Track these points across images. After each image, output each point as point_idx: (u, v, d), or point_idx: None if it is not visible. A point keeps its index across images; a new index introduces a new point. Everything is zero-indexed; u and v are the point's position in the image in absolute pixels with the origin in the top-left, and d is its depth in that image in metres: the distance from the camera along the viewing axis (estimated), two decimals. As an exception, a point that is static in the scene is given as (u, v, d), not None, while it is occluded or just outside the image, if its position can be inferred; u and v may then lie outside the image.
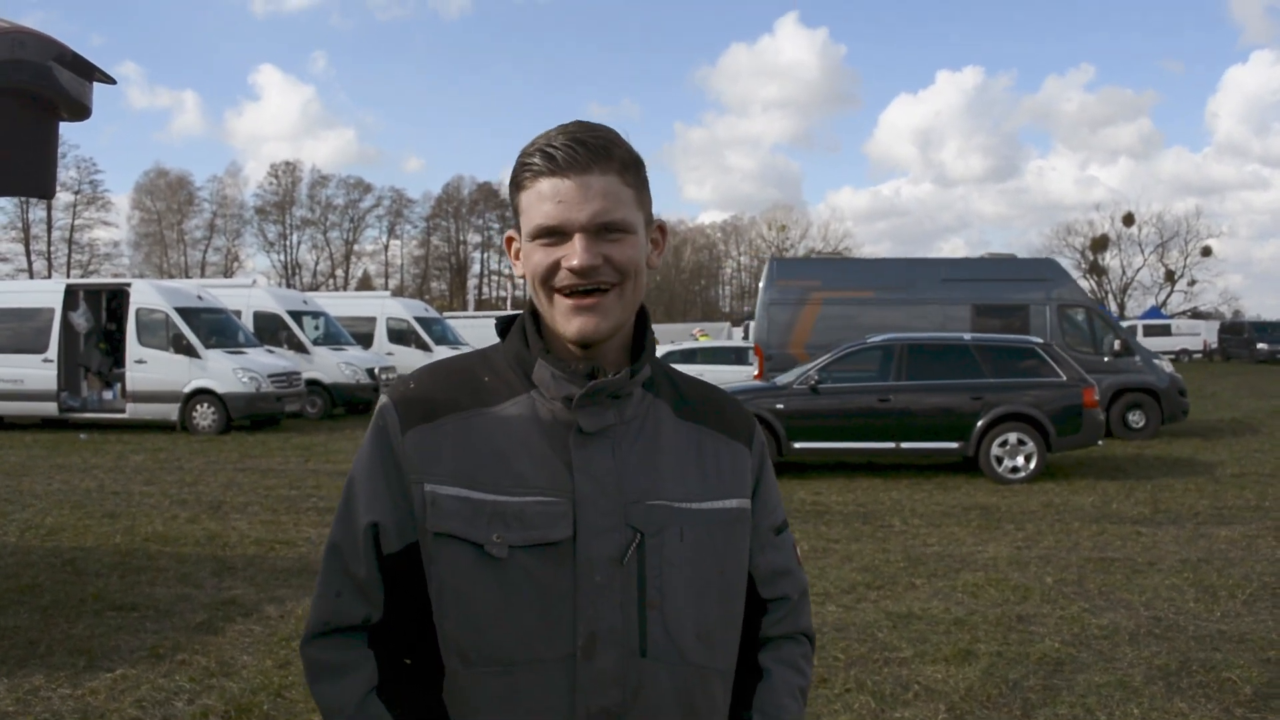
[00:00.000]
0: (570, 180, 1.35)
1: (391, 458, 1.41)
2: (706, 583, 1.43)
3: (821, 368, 12.50)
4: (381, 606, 1.42)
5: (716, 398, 1.57)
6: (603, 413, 1.40)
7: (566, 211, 1.35)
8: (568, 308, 1.37)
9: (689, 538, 1.41)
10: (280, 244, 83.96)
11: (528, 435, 1.40)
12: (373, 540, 1.41)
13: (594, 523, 1.36)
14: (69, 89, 3.71)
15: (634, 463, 1.41)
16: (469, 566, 1.35)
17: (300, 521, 9.46)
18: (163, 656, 5.48)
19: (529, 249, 1.39)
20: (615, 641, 1.35)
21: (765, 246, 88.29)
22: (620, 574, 1.36)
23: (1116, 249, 78.15)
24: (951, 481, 11.94)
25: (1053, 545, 8.38)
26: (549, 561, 1.35)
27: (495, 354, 1.50)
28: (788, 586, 1.58)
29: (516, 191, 1.40)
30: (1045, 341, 12.84)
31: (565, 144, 1.36)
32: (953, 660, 5.41)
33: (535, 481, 1.37)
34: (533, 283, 1.40)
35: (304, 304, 23.20)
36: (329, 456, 14.44)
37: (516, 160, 1.40)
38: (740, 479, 1.50)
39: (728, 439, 1.52)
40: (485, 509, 1.36)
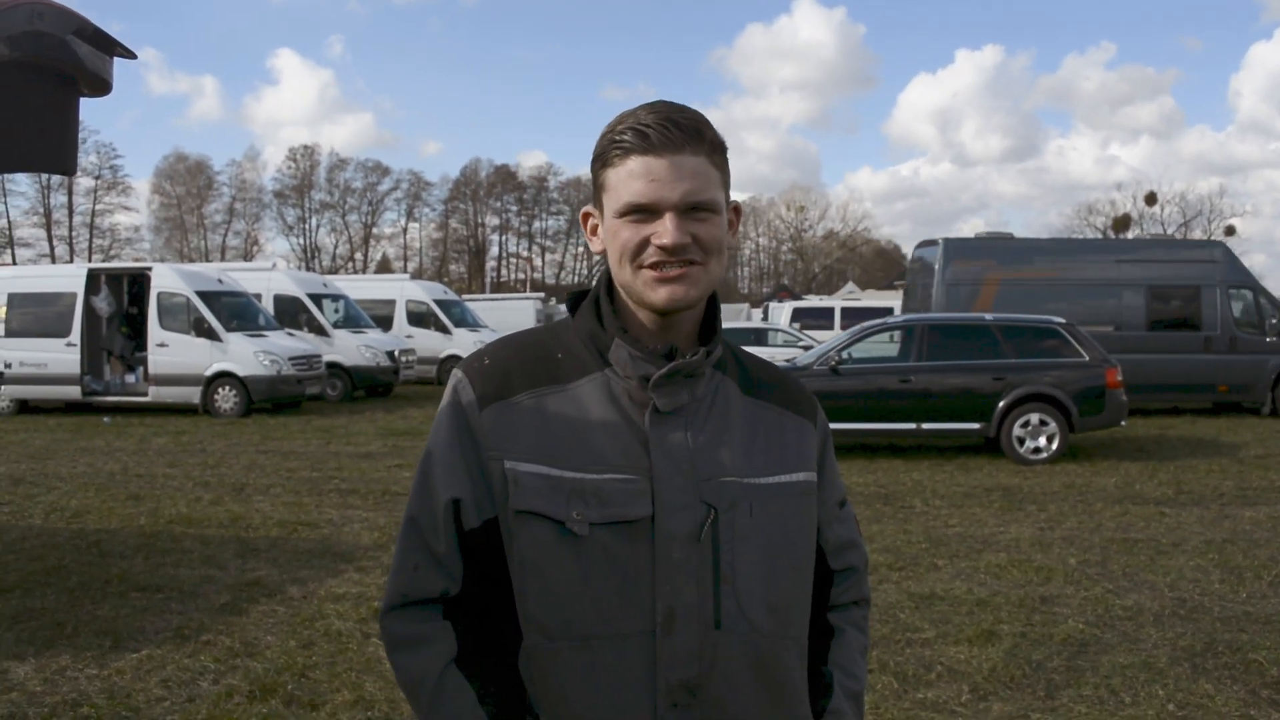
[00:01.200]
0: (663, 159, 1.36)
1: (469, 433, 1.42)
2: (776, 555, 1.45)
3: (842, 348, 12.45)
4: (460, 580, 1.44)
5: (781, 376, 1.60)
6: (678, 392, 1.42)
7: (659, 190, 1.36)
8: (653, 278, 1.39)
9: (758, 512, 1.44)
10: (299, 227, 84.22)
11: (604, 413, 1.42)
12: (453, 516, 1.42)
13: (671, 500, 1.38)
14: (88, 63, 3.67)
15: (706, 440, 1.43)
16: (550, 543, 1.37)
17: (322, 503, 9.50)
18: (188, 637, 5.52)
19: (615, 225, 1.40)
20: (693, 616, 1.38)
21: (784, 228, 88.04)
22: (697, 550, 1.38)
23: (1139, 228, 77.35)
24: (973, 462, 11.89)
25: (1075, 526, 8.34)
26: (628, 538, 1.37)
27: (566, 330, 1.51)
28: (854, 558, 1.65)
29: (602, 168, 1.41)
30: (1066, 321, 12.75)
31: (659, 123, 1.37)
32: (976, 641, 5.39)
33: (613, 459, 1.39)
34: (618, 258, 1.41)
35: (323, 287, 23.25)
36: (350, 439, 14.51)
37: (602, 137, 1.41)
38: (806, 454, 1.54)
39: (794, 415, 1.55)
40: (565, 486, 1.38)
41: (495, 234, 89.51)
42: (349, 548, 7.62)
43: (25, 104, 3.66)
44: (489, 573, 1.44)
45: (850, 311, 25.78)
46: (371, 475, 11.21)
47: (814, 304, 30.37)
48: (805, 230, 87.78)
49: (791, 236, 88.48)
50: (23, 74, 3.63)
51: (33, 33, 3.49)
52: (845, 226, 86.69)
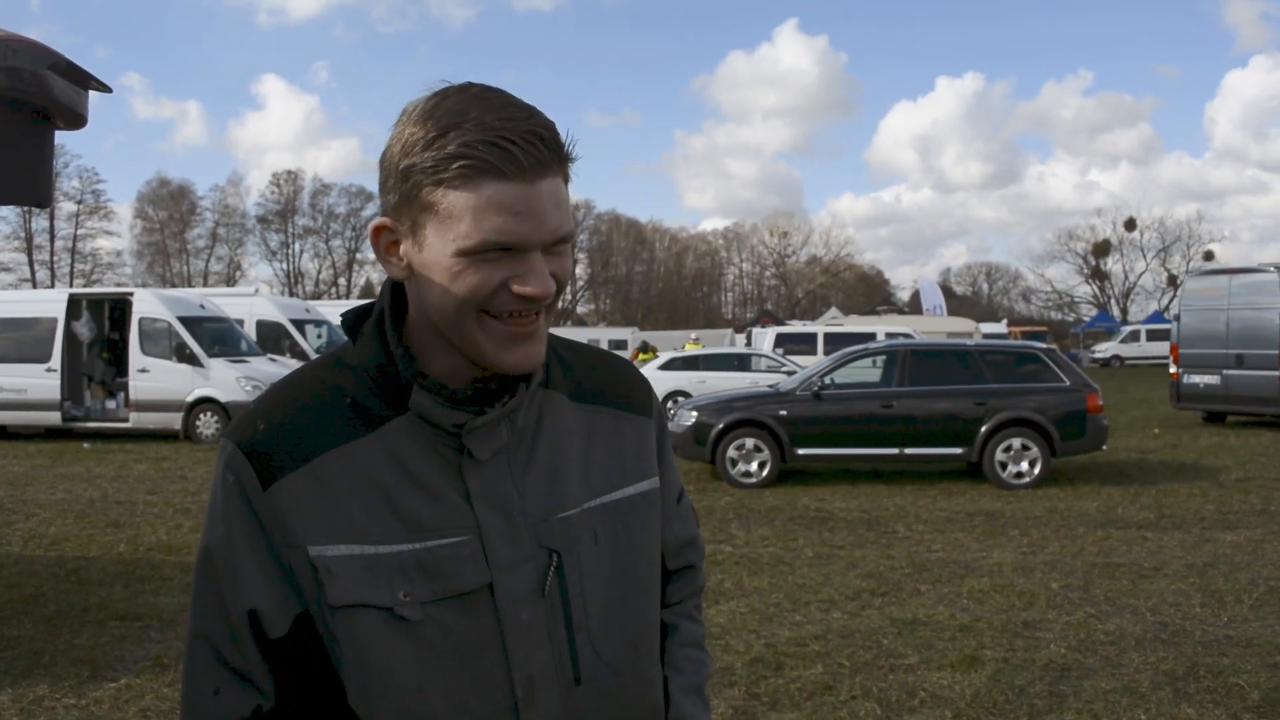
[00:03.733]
0: (532, 187, 1.10)
1: (255, 522, 1.17)
2: (629, 582, 1.30)
3: (825, 373, 12.49)
4: (273, 693, 1.20)
5: (614, 369, 1.41)
6: (495, 434, 1.21)
7: (525, 227, 1.10)
8: (506, 335, 1.15)
9: (604, 538, 1.27)
10: (282, 253, 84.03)
11: (413, 465, 1.19)
12: (250, 628, 1.18)
13: (506, 556, 1.19)
14: (64, 97, 3.70)
15: (536, 475, 1.24)
16: (379, 634, 1.16)
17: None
18: (167, 666, 5.46)
19: (455, 265, 1.11)
20: (551, 678, 1.22)
21: (767, 253, 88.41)
22: (544, 605, 1.21)
23: (1119, 254, 78.22)
24: (955, 487, 11.92)
25: (1058, 551, 8.36)
26: (467, 612, 1.18)
27: (350, 367, 1.24)
28: (692, 555, 1.51)
29: (436, 185, 1.10)
30: (1048, 346, 12.83)
31: (524, 138, 1.09)
32: (958, 667, 5.39)
33: (432, 522, 1.18)
34: (455, 306, 1.13)
35: (306, 312, 23.22)
36: (332, 465, 14.40)
37: (428, 138, 1.10)
38: (647, 456, 1.37)
39: (631, 414, 1.37)
40: (384, 564, 1.16)
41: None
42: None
43: (0, 138, 3.67)
44: (308, 676, 1.21)
45: (833, 337, 25.79)
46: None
47: (797, 329, 30.40)
48: (788, 256, 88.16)
49: (775, 262, 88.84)
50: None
51: (6, 69, 3.52)
52: (828, 252, 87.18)
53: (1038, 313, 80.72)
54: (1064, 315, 78.65)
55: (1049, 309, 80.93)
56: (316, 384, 1.24)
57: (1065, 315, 78.59)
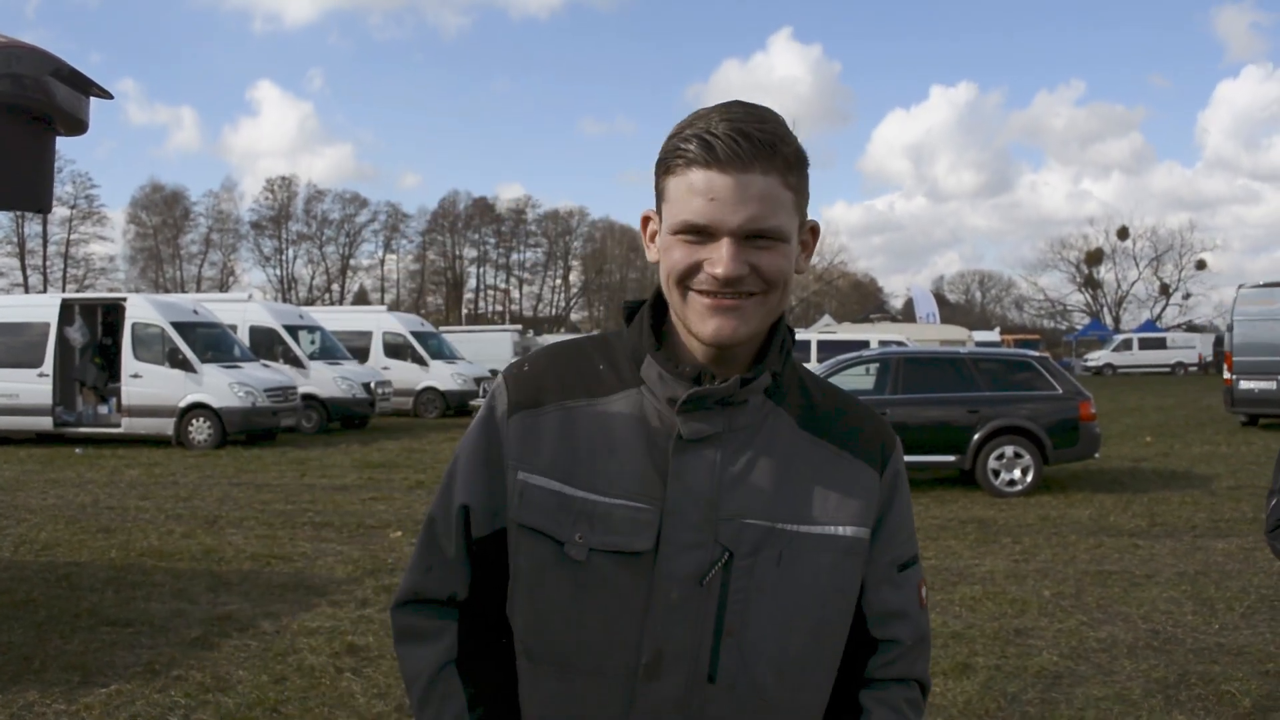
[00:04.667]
0: (728, 177, 1.22)
1: (495, 439, 1.37)
2: (799, 614, 1.31)
3: (818, 381, 12.46)
4: (468, 586, 1.40)
5: (852, 411, 1.43)
6: (709, 418, 1.30)
7: (718, 211, 1.23)
8: (704, 306, 1.27)
9: (788, 562, 1.30)
10: (276, 259, 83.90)
11: (630, 434, 1.32)
12: (463, 522, 1.38)
13: (679, 536, 1.28)
14: (65, 104, 3.70)
15: (736, 475, 1.30)
16: (546, 562, 1.31)
17: (296, 536, 9.42)
18: (158, 672, 5.45)
19: (669, 242, 1.28)
20: (683, 664, 1.27)
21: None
22: (699, 593, 1.27)
23: (1111, 263, 78.41)
24: (948, 494, 11.93)
25: (1050, 558, 8.37)
26: (627, 570, 1.29)
27: (617, 340, 1.42)
28: (902, 630, 1.41)
29: (665, 174, 1.28)
30: (1041, 354, 12.85)
31: (728, 134, 1.22)
32: (951, 674, 5.39)
33: (628, 484, 1.30)
34: (667, 277, 1.29)
35: (300, 318, 23.16)
36: (324, 471, 14.40)
37: (669, 139, 1.28)
38: (860, 506, 1.36)
39: (855, 459, 1.38)
40: (573, 506, 1.30)
41: (473, 266, 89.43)
42: (322, 581, 7.56)
43: (1, 144, 3.67)
44: (499, 581, 1.39)
45: (827, 344, 25.79)
46: (346, 508, 11.13)
47: (791, 336, 30.37)
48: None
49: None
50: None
51: (8, 75, 3.52)
52: (821, 260, 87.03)
53: (1030, 321, 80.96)
54: (1057, 323, 78.90)
55: (1042, 317, 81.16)
56: (581, 348, 1.43)
57: (1058, 323, 78.84)
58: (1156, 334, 57.82)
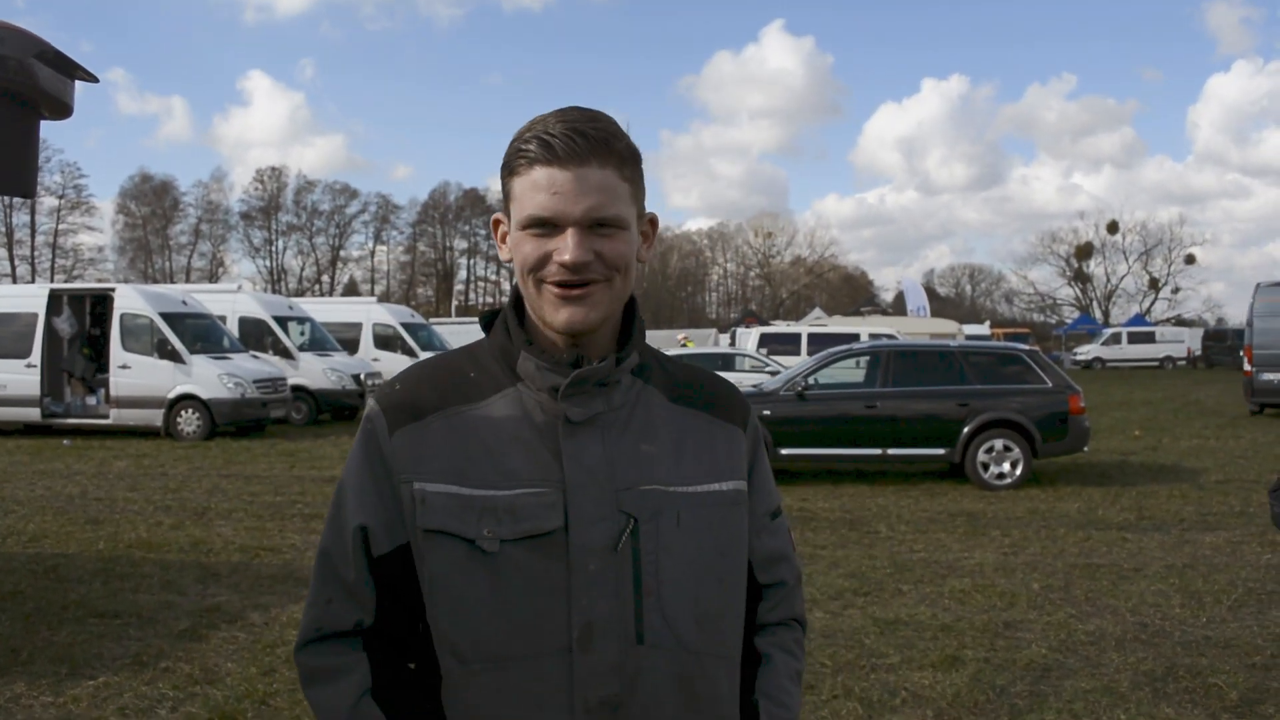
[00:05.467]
0: (567, 172, 1.33)
1: (380, 460, 1.40)
2: (706, 566, 1.40)
3: (808, 374, 12.51)
4: (373, 610, 1.42)
5: (710, 382, 1.55)
6: (590, 401, 1.38)
7: (561, 204, 1.33)
8: (555, 296, 1.36)
9: (686, 521, 1.39)
10: (266, 249, 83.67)
11: (516, 429, 1.38)
12: (362, 543, 1.40)
13: (586, 511, 1.34)
14: (49, 86, 3.66)
15: (625, 449, 1.39)
16: (460, 562, 1.34)
17: (285, 528, 9.41)
18: (146, 664, 5.43)
19: (518, 238, 1.37)
20: (611, 631, 1.34)
21: (751, 253, 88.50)
22: (615, 561, 1.34)
23: (1101, 256, 78.61)
24: (938, 488, 11.96)
25: (1039, 551, 8.39)
26: (541, 553, 1.34)
27: (481, 349, 1.48)
28: (784, 572, 1.57)
29: (509, 176, 1.38)
30: (1031, 348, 12.88)
31: (565, 133, 1.33)
32: (940, 666, 5.40)
33: (525, 474, 1.36)
34: (520, 272, 1.38)
35: (289, 309, 23.08)
36: (314, 463, 14.38)
37: (511, 144, 1.38)
38: (736, 461, 1.48)
39: (722, 422, 1.50)
40: (475, 504, 1.34)
41: (464, 257, 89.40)
42: (311, 573, 7.53)
43: None
44: (404, 600, 1.41)
45: (817, 337, 25.83)
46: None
47: (781, 329, 30.42)
48: (773, 256, 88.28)
49: (759, 262, 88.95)
50: (-18, 97, 3.60)
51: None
52: (812, 253, 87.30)
53: (1020, 315, 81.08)
54: (1046, 317, 79.06)
55: (1031, 311, 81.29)
56: (449, 361, 1.49)
57: (1047, 317, 79.00)
58: (1145, 328, 57.98)
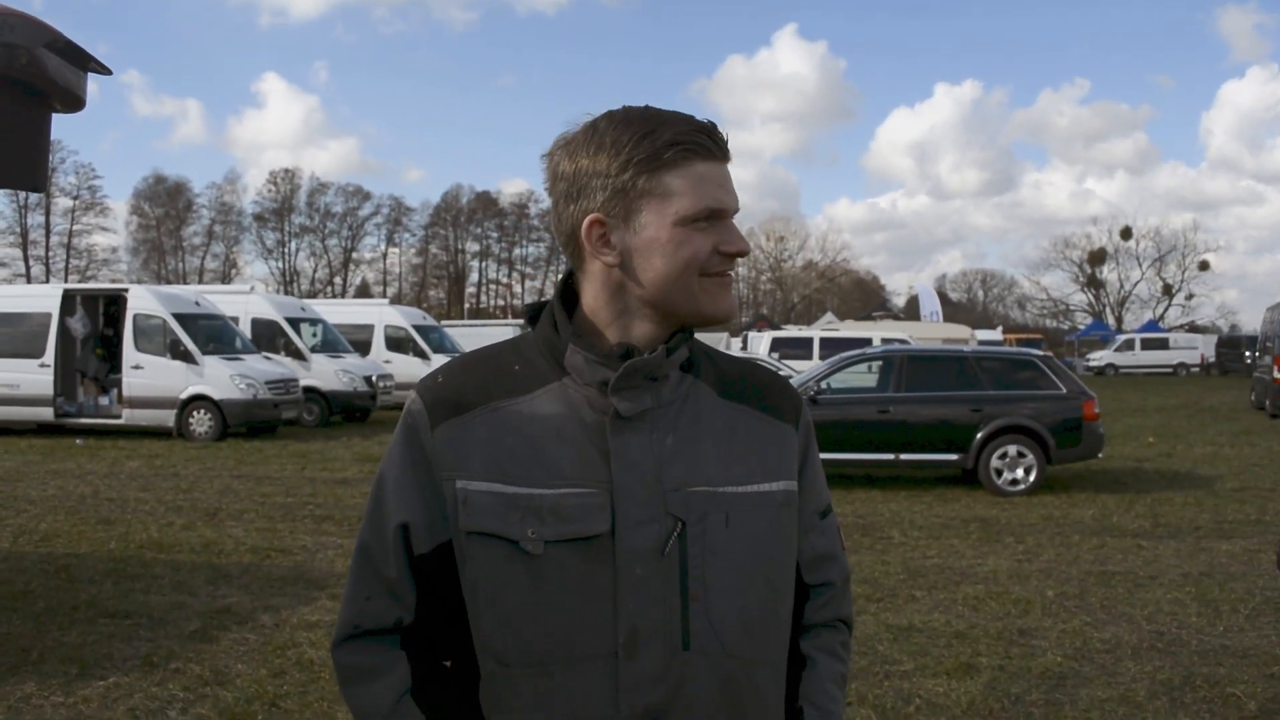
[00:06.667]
0: (724, 166, 1.36)
1: (421, 455, 1.36)
2: (753, 570, 1.36)
3: (821, 378, 12.46)
4: (413, 608, 1.39)
5: (762, 377, 1.51)
6: (640, 396, 1.34)
7: (728, 197, 1.35)
8: (718, 286, 1.36)
9: (735, 523, 1.35)
10: (278, 251, 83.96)
11: (562, 424, 1.35)
12: (403, 541, 1.37)
13: (633, 514, 1.31)
14: (60, 77, 3.59)
15: (673, 447, 1.35)
16: (503, 564, 1.31)
17: (296, 529, 9.40)
18: (156, 665, 5.42)
19: (681, 233, 1.32)
20: (657, 637, 1.30)
21: (763, 258, 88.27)
22: (662, 565, 1.31)
23: (1114, 263, 78.26)
24: (951, 493, 11.89)
25: (1053, 558, 8.33)
26: (587, 556, 1.30)
27: (526, 342, 1.44)
28: (832, 572, 1.53)
29: (655, 170, 1.31)
30: (1045, 354, 12.81)
31: (713, 130, 1.35)
32: (954, 674, 5.36)
33: (570, 472, 1.32)
34: (682, 267, 1.33)
35: (302, 311, 23.13)
36: (325, 464, 14.39)
37: (651, 139, 1.32)
38: (787, 461, 1.44)
39: (774, 419, 1.45)
40: (519, 503, 1.31)
41: (475, 260, 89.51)
42: (322, 575, 7.53)
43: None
44: (445, 600, 1.38)
45: (829, 342, 25.76)
46: (346, 501, 11.10)
47: (793, 334, 30.39)
48: (785, 260, 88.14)
49: (771, 266, 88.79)
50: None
51: (2, 45, 3.42)
52: (824, 257, 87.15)
53: (1033, 320, 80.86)
54: (1059, 323, 78.76)
55: (1044, 317, 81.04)
56: (492, 353, 1.44)
57: (1060, 323, 78.70)
58: (1159, 334, 57.73)
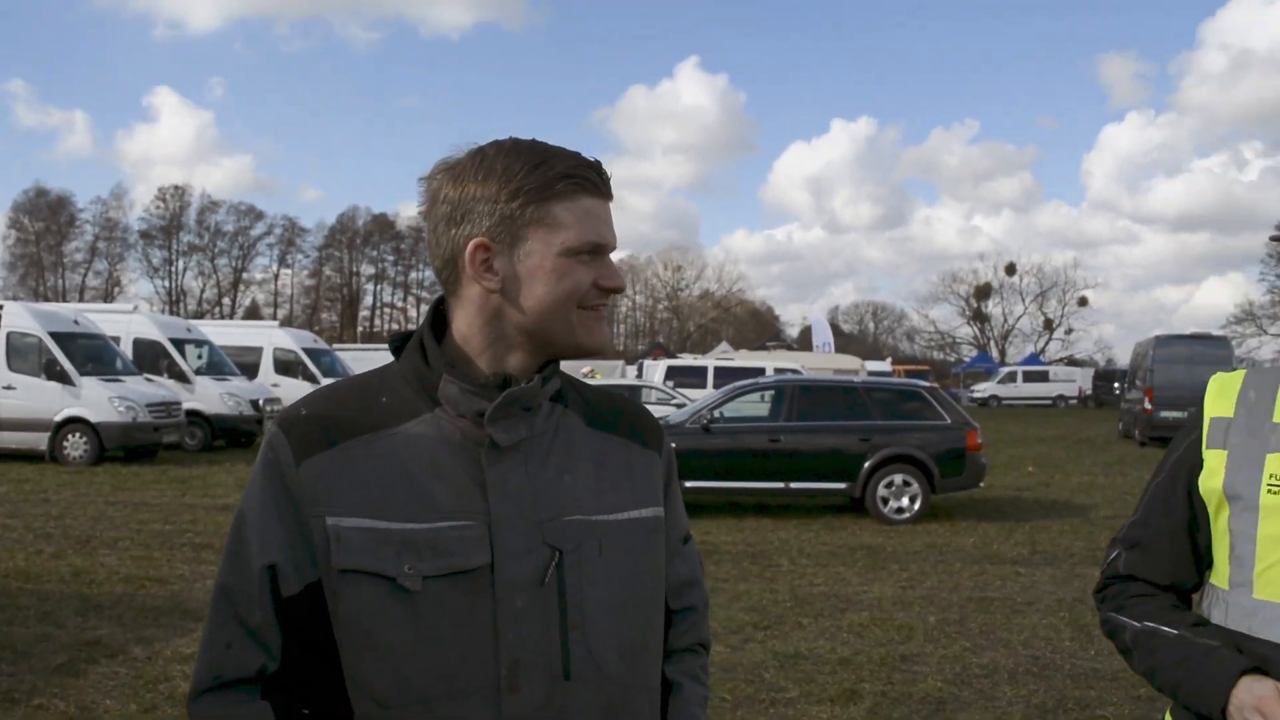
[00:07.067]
0: (607, 204, 1.40)
1: (285, 491, 1.31)
2: (628, 597, 1.38)
3: (714, 407, 12.57)
4: (279, 654, 1.33)
5: (626, 406, 1.54)
6: (516, 426, 1.34)
7: (610, 233, 1.39)
8: (594, 320, 1.39)
9: (609, 551, 1.37)
10: (165, 270, 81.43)
11: (435, 456, 1.32)
12: (269, 583, 1.31)
13: (512, 545, 1.30)
14: None
15: (548, 477, 1.36)
16: (380, 602, 1.27)
17: (174, 558, 9.09)
18: (17, 701, 5.17)
19: (564, 264, 1.35)
20: (539, 667, 1.30)
21: (661, 286, 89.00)
22: (541, 596, 1.31)
23: (999, 297, 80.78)
24: (838, 521, 12.08)
25: (935, 585, 8.52)
26: (466, 589, 1.29)
27: (392, 373, 1.41)
28: (694, 597, 1.58)
29: (544, 200, 1.33)
30: (930, 385, 13.14)
31: (601, 170, 1.39)
32: (838, 700, 5.43)
33: (447, 506, 1.30)
34: (563, 298, 1.35)
35: (187, 332, 22.48)
36: (207, 490, 13.96)
37: (543, 170, 1.34)
38: (654, 487, 1.48)
39: (640, 447, 1.49)
40: (394, 539, 1.28)
41: (370, 283, 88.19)
42: (200, 605, 7.29)
43: None
44: (313, 644, 1.33)
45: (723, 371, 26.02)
46: (228, 529, 10.72)
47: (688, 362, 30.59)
48: (681, 289, 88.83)
49: (668, 295, 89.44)
50: None
51: None
52: (721, 287, 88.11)
53: (921, 352, 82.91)
54: (945, 355, 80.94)
55: (931, 349, 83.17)
56: (357, 384, 1.42)
57: (947, 355, 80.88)
58: (1040, 367, 59.73)
